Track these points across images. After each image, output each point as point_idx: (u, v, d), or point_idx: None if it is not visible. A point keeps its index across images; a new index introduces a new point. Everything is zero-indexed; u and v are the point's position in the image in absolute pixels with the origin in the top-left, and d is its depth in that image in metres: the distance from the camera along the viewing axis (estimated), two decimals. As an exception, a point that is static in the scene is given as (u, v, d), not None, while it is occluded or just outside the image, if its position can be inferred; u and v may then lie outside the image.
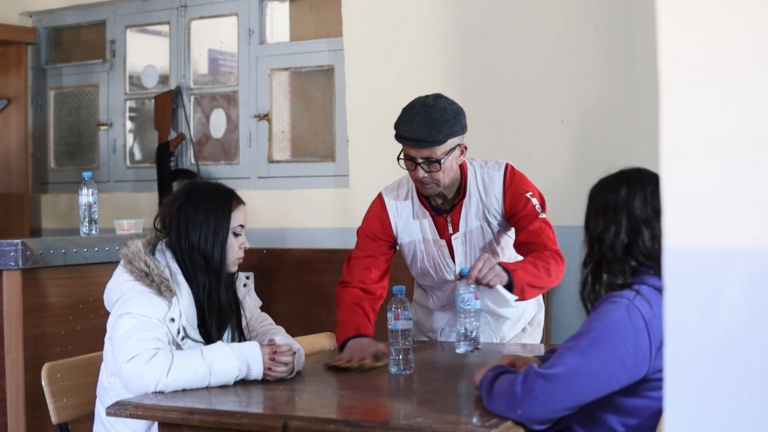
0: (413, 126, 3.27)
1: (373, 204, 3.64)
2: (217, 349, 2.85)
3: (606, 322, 2.34)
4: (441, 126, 3.27)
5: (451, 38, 5.06)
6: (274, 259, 5.47)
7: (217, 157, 6.06)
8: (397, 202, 3.57)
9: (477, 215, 3.49)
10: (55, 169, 6.67)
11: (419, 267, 3.60)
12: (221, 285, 3.04)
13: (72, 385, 3.12)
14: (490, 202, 3.48)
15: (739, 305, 1.42)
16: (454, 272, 3.53)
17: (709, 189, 1.45)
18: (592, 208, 2.54)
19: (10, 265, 3.96)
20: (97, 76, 6.44)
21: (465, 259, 3.53)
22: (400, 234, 3.57)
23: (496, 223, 3.51)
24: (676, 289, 1.47)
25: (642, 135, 4.54)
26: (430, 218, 3.53)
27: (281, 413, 2.50)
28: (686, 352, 1.46)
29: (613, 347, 2.32)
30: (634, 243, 2.45)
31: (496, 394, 2.43)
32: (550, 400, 2.33)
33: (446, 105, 3.34)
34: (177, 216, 3.03)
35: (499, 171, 3.50)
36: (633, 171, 2.53)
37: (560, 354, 2.37)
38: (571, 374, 2.32)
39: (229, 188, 3.13)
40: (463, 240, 3.51)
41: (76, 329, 4.23)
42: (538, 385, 2.33)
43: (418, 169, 3.32)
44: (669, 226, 1.47)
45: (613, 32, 4.68)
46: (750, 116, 1.42)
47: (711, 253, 1.44)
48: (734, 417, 1.43)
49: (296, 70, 5.78)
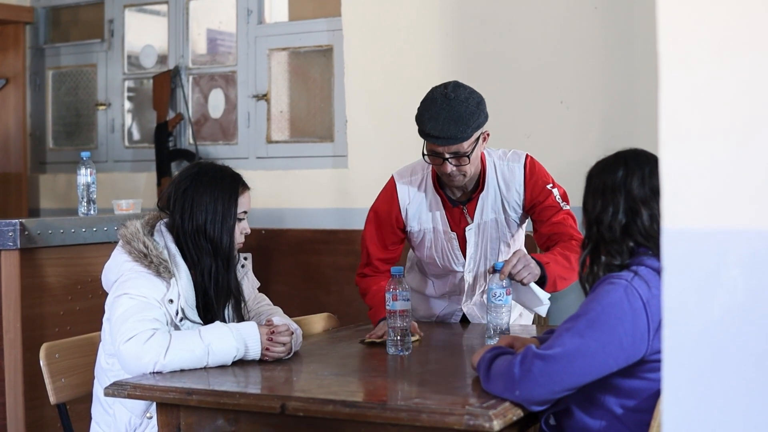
0: (439, 123, 3.21)
1: (385, 188, 3.60)
2: (215, 330, 2.85)
3: (604, 303, 2.34)
4: (468, 120, 3.22)
5: (449, 18, 5.04)
6: (273, 239, 5.47)
7: (215, 137, 6.05)
8: (410, 188, 3.52)
9: (494, 207, 3.47)
10: (53, 149, 6.65)
11: (426, 254, 3.58)
12: (231, 270, 3.03)
13: (70, 365, 3.12)
14: (511, 195, 3.46)
15: (737, 286, 1.42)
16: (463, 264, 3.53)
17: (707, 170, 1.44)
18: (590, 189, 2.54)
19: (8, 245, 3.96)
20: (96, 56, 6.42)
21: (476, 251, 3.51)
22: (409, 221, 3.54)
23: (515, 216, 3.49)
24: (674, 270, 1.47)
25: (641, 116, 4.54)
26: (443, 211, 3.50)
27: (279, 393, 2.50)
28: (684, 333, 1.46)
29: (611, 328, 2.32)
30: (632, 223, 2.45)
31: (494, 375, 2.43)
32: (548, 381, 2.33)
33: (467, 95, 3.28)
34: (182, 198, 3.01)
35: (519, 163, 3.47)
36: (630, 152, 2.54)
37: (558, 335, 2.37)
38: (570, 355, 2.32)
39: (236, 173, 3.10)
40: (477, 231, 3.49)
41: (74, 309, 4.23)
42: (536, 366, 2.34)
43: (445, 164, 3.27)
44: (667, 207, 1.47)
45: (613, 12, 4.67)
46: (748, 97, 1.41)
47: (709, 235, 1.44)
48: (732, 398, 1.43)
49: (295, 50, 5.76)
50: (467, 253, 3.52)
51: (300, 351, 3.04)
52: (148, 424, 2.95)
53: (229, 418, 2.56)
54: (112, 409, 2.98)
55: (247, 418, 2.54)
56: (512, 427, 2.38)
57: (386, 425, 2.35)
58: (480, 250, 3.51)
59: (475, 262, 3.54)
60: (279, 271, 5.45)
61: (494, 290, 3.07)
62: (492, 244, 3.51)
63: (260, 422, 2.53)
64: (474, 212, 3.48)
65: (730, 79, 1.43)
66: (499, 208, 3.47)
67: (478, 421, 2.23)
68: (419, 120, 3.27)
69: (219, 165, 3.12)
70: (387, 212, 3.55)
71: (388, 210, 3.55)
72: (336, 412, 2.38)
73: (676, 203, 1.46)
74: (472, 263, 3.55)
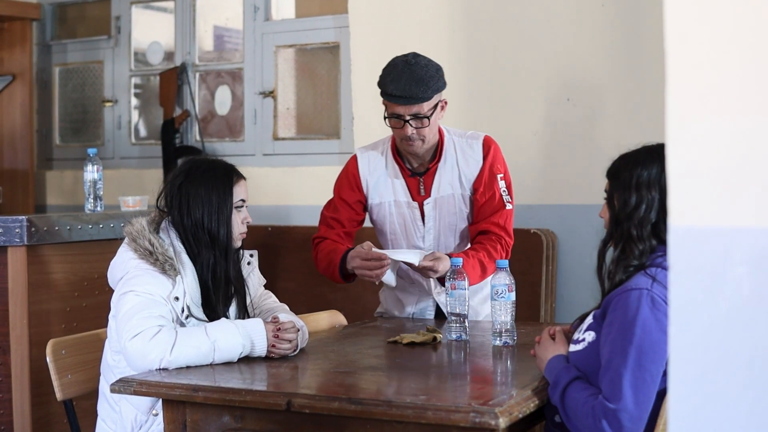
0: (401, 83, 3.34)
1: (347, 163, 3.68)
2: (221, 326, 2.85)
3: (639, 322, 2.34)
4: (428, 82, 3.35)
5: (456, 15, 5.04)
6: (279, 236, 5.47)
7: (222, 134, 6.06)
8: (369, 159, 3.62)
9: (451, 182, 3.54)
10: (60, 145, 6.66)
11: (389, 231, 3.62)
12: (229, 261, 3.05)
13: (76, 361, 3.12)
14: (470, 170, 3.53)
15: (743, 284, 1.42)
16: (422, 238, 3.57)
17: (714, 168, 1.44)
18: (620, 184, 2.49)
19: (15, 241, 3.96)
20: (102, 53, 6.43)
21: (434, 224, 3.56)
22: (370, 193, 3.60)
23: (469, 190, 3.55)
24: (680, 267, 1.46)
25: (648, 113, 4.53)
26: (403, 179, 3.57)
27: (285, 390, 2.50)
28: (690, 331, 1.45)
29: (659, 345, 2.33)
30: (661, 221, 2.41)
31: (575, 416, 2.42)
32: (638, 425, 2.34)
33: (427, 62, 3.42)
34: (178, 194, 3.03)
35: (478, 140, 3.57)
36: (662, 146, 2.46)
37: (615, 379, 2.35)
38: (639, 396, 2.33)
39: (228, 164, 3.13)
40: (434, 206, 3.55)
41: (80, 306, 4.23)
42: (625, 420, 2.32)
43: (406, 126, 3.38)
44: (674, 204, 1.47)
45: (620, 10, 4.66)
46: (756, 95, 1.41)
47: (716, 232, 1.44)
48: (738, 395, 1.43)
49: (302, 47, 5.76)
50: (426, 227, 3.57)
51: (306, 348, 3.04)
52: (154, 421, 2.95)
53: (234, 415, 2.56)
54: (118, 406, 2.98)
55: (252, 414, 2.54)
56: (518, 424, 2.38)
57: (392, 422, 2.34)
58: (437, 225, 3.56)
59: (435, 237, 3.58)
60: (285, 268, 5.45)
61: (496, 287, 3.07)
62: (450, 219, 3.56)
63: (266, 419, 2.53)
64: (431, 185, 3.54)
65: (737, 77, 1.42)
66: (456, 184, 3.54)
67: (484, 418, 2.23)
68: (382, 83, 3.42)
69: (211, 159, 3.17)
70: (348, 185, 3.62)
71: (349, 183, 3.63)
72: (342, 409, 2.38)
73: (683, 201, 1.46)
74: (431, 237, 3.58)
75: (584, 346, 2.49)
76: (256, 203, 5.53)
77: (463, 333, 3.18)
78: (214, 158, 3.17)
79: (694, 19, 1.45)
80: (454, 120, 4.57)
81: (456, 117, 4.65)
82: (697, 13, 1.45)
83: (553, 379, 2.49)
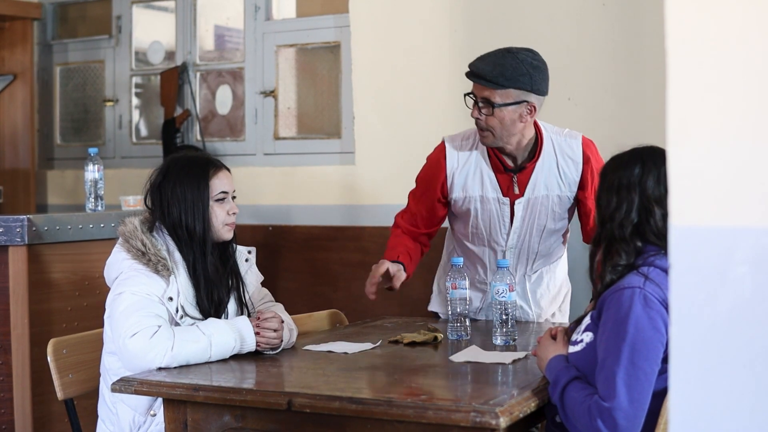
0: (482, 62, 3.27)
1: (434, 151, 3.54)
2: (212, 323, 2.88)
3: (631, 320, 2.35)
4: (509, 73, 3.23)
5: (458, 14, 5.04)
6: (280, 236, 5.47)
7: (223, 133, 6.05)
8: (459, 152, 3.46)
9: (546, 182, 3.40)
10: (61, 145, 6.66)
11: (471, 227, 3.49)
12: (207, 257, 3.03)
13: (78, 360, 3.13)
14: (568, 168, 3.41)
15: (744, 284, 1.42)
16: (507, 235, 3.46)
17: (715, 167, 1.44)
18: (605, 185, 2.52)
19: (16, 240, 3.96)
20: (103, 52, 6.43)
21: (521, 224, 3.44)
22: (454, 187, 3.45)
23: (570, 194, 3.43)
24: (682, 267, 1.46)
25: (649, 113, 4.53)
26: (493, 175, 3.42)
27: (286, 390, 2.51)
28: (692, 331, 1.46)
29: (653, 345, 2.34)
30: (645, 222, 2.44)
31: (572, 416, 2.42)
32: (634, 424, 2.34)
33: (527, 58, 3.27)
34: (159, 194, 3.04)
35: (576, 140, 3.46)
36: (647, 149, 2.51)
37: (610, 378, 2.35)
38: (634, 395, 2.33)
39: (206, 157, 3.12)
40: (526, 205, 3.42)
41: (81, 305, 4.23)
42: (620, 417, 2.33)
43: (474, 107, 3.29)
44: (675, 204, 1.47)
45: (621, 9, 4.65)
46: (757, 95, 1.41)
47: (717, 232, 1.44)
48: (740, 395, 1.43)
49: (302, 46, 5.76)
50: (513, 226, 3.44)
51: (306, 348, 3.04)
52: (152, 421, 2.96)
53: (235, 415, 2.56)
54: (115, 407, 2.98)
55: (253, 414, 2.54)
56: (519, 424, 2.38)
57: (393, 422, 2.35)
58: (525, 226, 3.43)
59: (519, 236, 3.46)
60: (286, 267, 5.45)
61: (497, 287, 3.07)
62: (540, 220, 3.43)
63: (267, 418, 2.53)
64: (527, 184, 3.40)
65: (739, 76, 1.42)
66: (553, 185, 3.41)
67: (485, 418, 2.23)
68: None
69: (190, 155, 3.14)
70: (431, 176, 3.50)
71: (433, 177, 3.49)
72: (342, 409, 2.38)
73: (684, 201, 1.46)
74: (515, 237, 3.46)
75: (583, 347, 2.50)
76: (257, 202, 5.54)
77: (464, 333, 3.18)
78: (193, 154, 3.14)
79: (696, 18, 1.45)
80: (454, 120, 4.57)
81: (456, 117, 4.65)
82: (698, 14, 1.45)
83: (553, 378, 2.49)
